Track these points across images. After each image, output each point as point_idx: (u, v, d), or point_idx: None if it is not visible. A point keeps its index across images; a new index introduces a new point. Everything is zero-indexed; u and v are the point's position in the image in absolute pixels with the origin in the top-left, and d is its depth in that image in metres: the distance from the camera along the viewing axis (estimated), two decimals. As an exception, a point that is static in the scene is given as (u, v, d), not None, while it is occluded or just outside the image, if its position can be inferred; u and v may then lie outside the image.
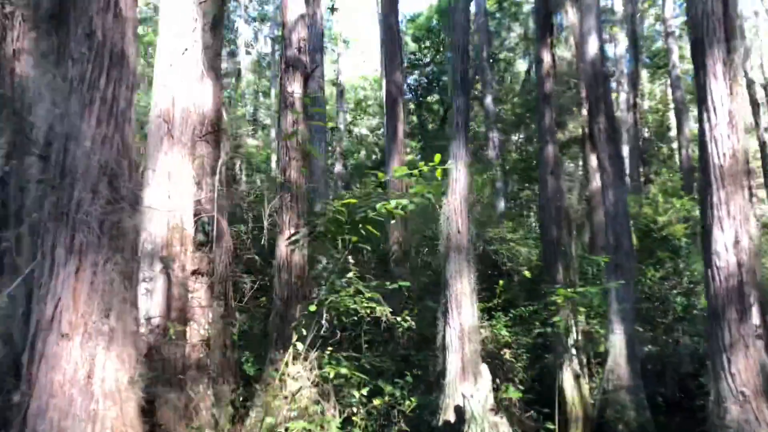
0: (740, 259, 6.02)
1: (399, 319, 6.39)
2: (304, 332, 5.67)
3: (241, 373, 8.73)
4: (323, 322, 5.56)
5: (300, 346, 5.66)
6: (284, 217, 9.46)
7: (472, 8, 24.32)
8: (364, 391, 8.20)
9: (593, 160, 18.72)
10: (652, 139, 26.14)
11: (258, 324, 9.62)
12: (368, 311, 6.42)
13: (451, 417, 7.52)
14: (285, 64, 10.12)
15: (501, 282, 12.65)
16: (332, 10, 24.25)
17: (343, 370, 5.67)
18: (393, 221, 13.25)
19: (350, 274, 6.08)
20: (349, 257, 7.25)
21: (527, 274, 13.22)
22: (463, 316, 7.72)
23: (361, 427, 8.30)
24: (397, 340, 9.17)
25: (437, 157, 5.39)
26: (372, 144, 34.42)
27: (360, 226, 6.55)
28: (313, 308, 5.71)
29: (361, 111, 38.21)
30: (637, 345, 12.11)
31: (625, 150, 22.46)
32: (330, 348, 6.35)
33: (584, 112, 19.05)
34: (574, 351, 14.72)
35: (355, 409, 8.32)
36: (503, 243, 13.69)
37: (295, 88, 9.85)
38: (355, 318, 6.55)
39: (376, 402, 8.14)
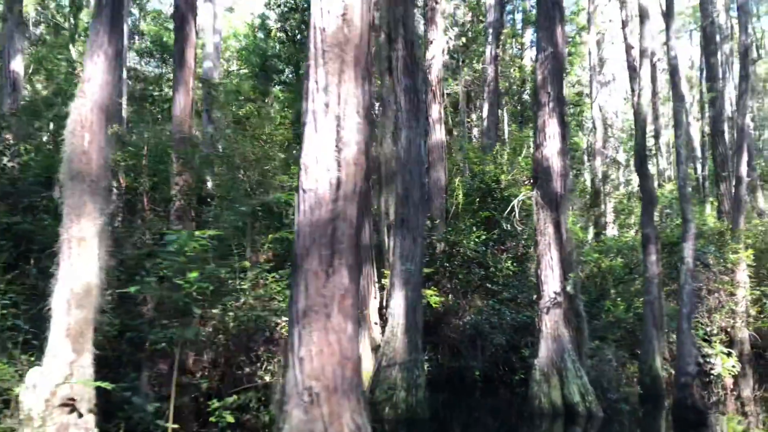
0: (336, 178, 3.95)
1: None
2: None
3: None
4: None
5: None
6: None
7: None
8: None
9: (434, 109, 16.83)
10: (522, 98, 24.72)
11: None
12: None
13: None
14: None
15: (270, 236, 10.46)
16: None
17: None
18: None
19: None
20: None
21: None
22: (78, 270, 5.41)
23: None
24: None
25: None
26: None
27: None
28: None
29: (241, 62, 34.61)
30: (420, 313, 10.27)
31: (485, 108, 20.82)
32: None
33: (431, 47, 17.06)
34: (376, 319, 12.89)
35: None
36: (291, 192, 11.43)
37: None
38: None
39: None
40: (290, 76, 32.13)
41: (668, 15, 10.58)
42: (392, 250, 10.63)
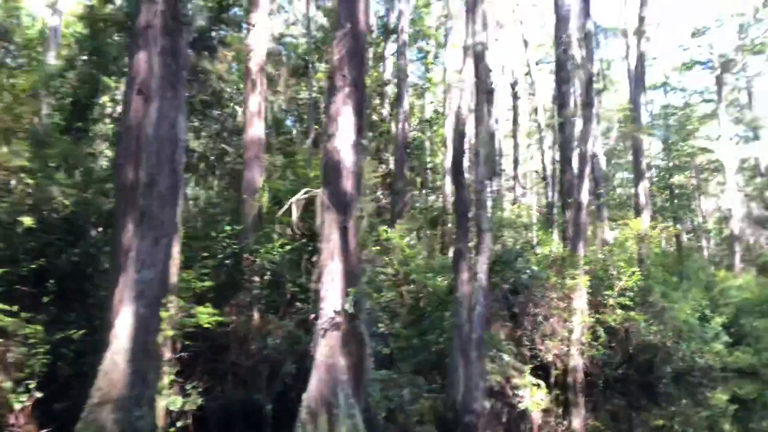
0: None
1: None
2: None
3: None
4: None
5: None
6: None
7: None
8: None
9: (252, 101, 14.79)
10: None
11: None
12: None
13: None
14: None
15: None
16: None
17: None
18: None
19: None
20: None
21: (28, 221, 8.51)
22: None
23: None
24: None
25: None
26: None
27: None
28: None
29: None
30: (154, 336, 7.97)
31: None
32: None
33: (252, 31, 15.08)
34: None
35: None
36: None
37: None
38: None
39: None
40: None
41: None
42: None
